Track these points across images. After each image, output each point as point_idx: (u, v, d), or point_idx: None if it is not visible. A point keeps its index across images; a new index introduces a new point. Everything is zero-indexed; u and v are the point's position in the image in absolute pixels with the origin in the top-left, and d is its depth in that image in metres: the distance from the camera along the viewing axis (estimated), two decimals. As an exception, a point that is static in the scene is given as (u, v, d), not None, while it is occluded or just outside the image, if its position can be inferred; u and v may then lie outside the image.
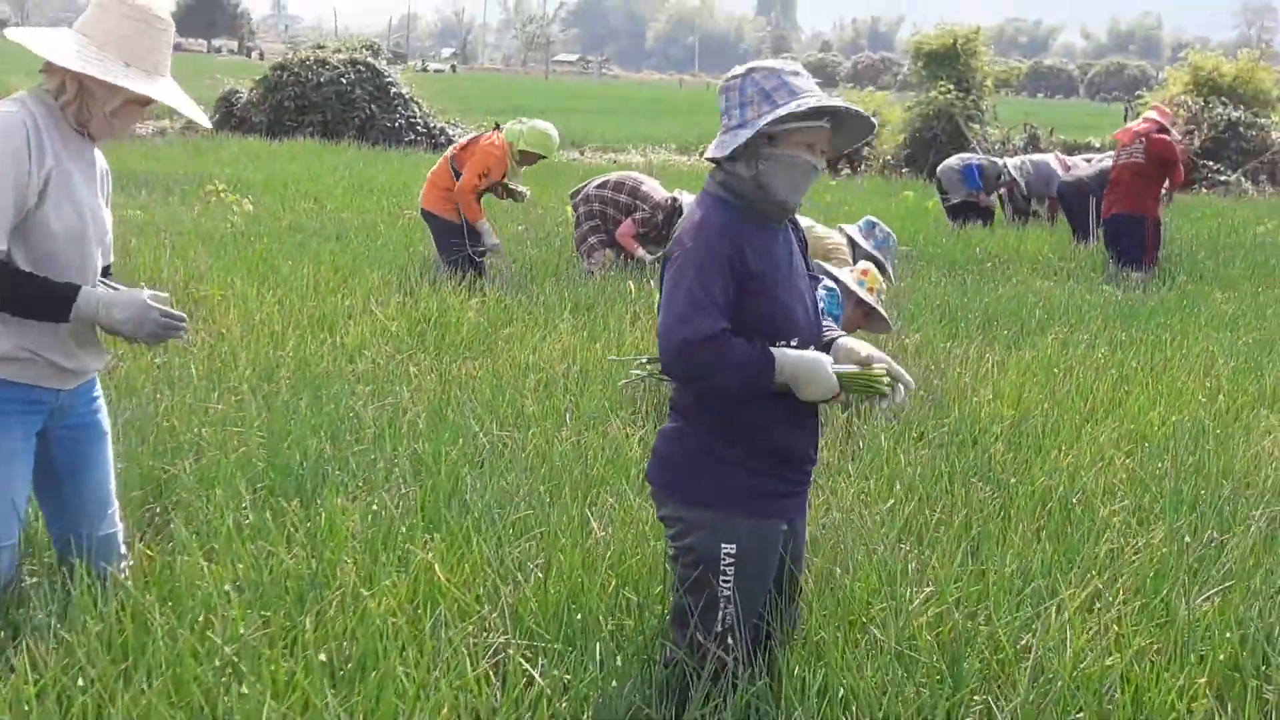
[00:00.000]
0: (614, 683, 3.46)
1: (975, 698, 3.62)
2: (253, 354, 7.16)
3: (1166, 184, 12.50)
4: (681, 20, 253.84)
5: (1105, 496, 5.29)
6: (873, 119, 3.70)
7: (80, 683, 3.18)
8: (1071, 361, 7.80)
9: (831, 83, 79.35)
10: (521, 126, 10.18)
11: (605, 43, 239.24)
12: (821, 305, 3.98)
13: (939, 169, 16.76)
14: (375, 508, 4.64)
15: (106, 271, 3.91)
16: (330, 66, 26.21)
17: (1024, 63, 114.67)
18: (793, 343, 3.49)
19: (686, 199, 10.18)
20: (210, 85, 28.45)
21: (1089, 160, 16.26)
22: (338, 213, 13.80)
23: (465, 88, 47.21)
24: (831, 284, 6.64)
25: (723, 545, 3.53)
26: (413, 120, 26.35)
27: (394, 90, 26.62)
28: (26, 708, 3.11)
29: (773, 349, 3.42)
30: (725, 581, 3.54)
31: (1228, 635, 3.93)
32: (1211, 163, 24.20)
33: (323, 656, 3.38)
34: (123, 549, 4.08)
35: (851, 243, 8.40)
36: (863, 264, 7.14)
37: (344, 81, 25.98)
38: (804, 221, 7.60)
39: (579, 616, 3.80)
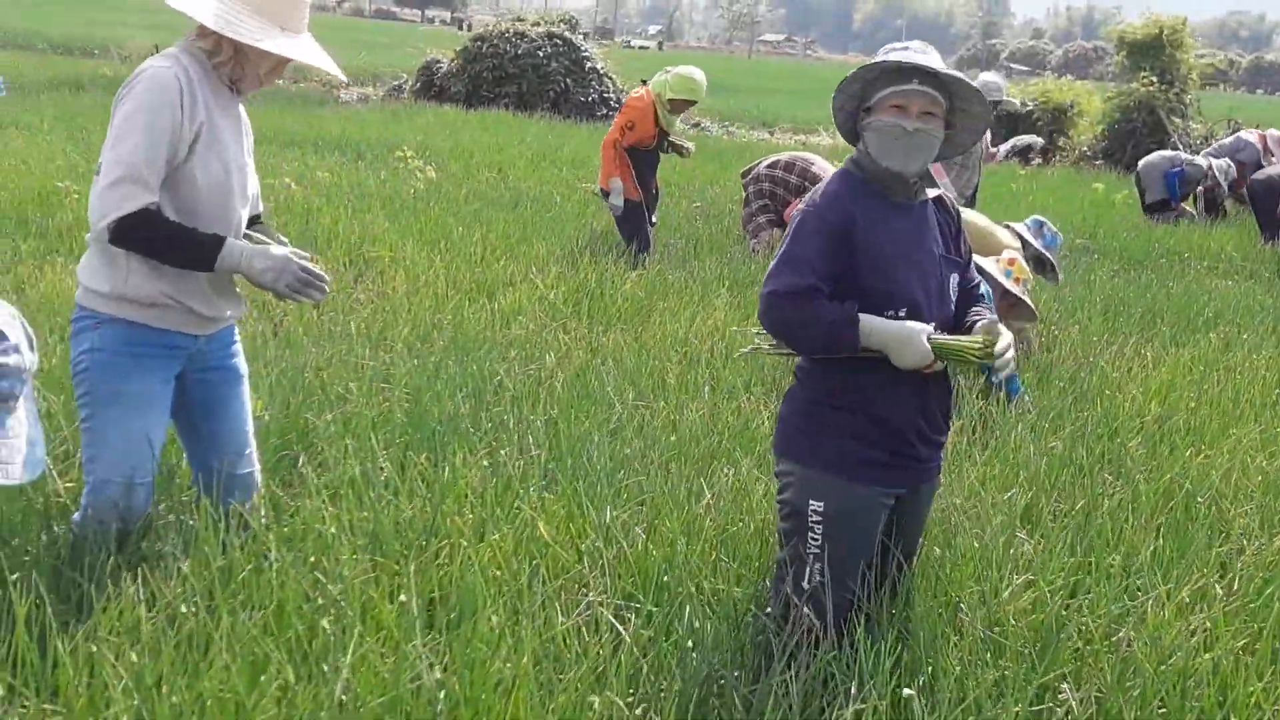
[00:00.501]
0: (690, 643, 3.54)
1: (1061, 685, 3.62)
2: (413, 315, 7.40)
3: None
4: (890, 3, 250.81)
5: (1235, 498, 5.21)
6: (954, 74, 3.73)
7: (184, 609, 3.38)
8: (1231, 362, 7.62)
9: (1039, 70, 77.59)
10: (666, 76, 10.19)
11: (812, 23, 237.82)
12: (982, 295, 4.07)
13: (1141, 165, 16.34)
14: (488, 464, 4.81)
15: (256, 221, 4.09)
16: (528, 39, 26.50)
17: (1244, 57, 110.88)
18: (901, 312, 3.60)
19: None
20: (411, 54, 29.11)
21: None
22: (518, 182, 14.06)
23: (666, 65, 47.47)
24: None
25: (811, 502, 3.69)
26: (606, 95, 26.57)
27: (589, 65, 26.86)
28: (136, 630, 3.33)
29: (863, 315, 3.51)
30: (813, 539, 3.68)
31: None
32: None
33: (404, 598, 3.53)
34: (259, 486, 4.29)
35: (1022, 241, 8.35)
36: (1008, 253, 7.08)
37: (540, 54, 26.27)
38: (968, 214, 7.61)
39: (665, 579, 3.89)
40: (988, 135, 10.16)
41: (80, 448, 3.95)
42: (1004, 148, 10.55)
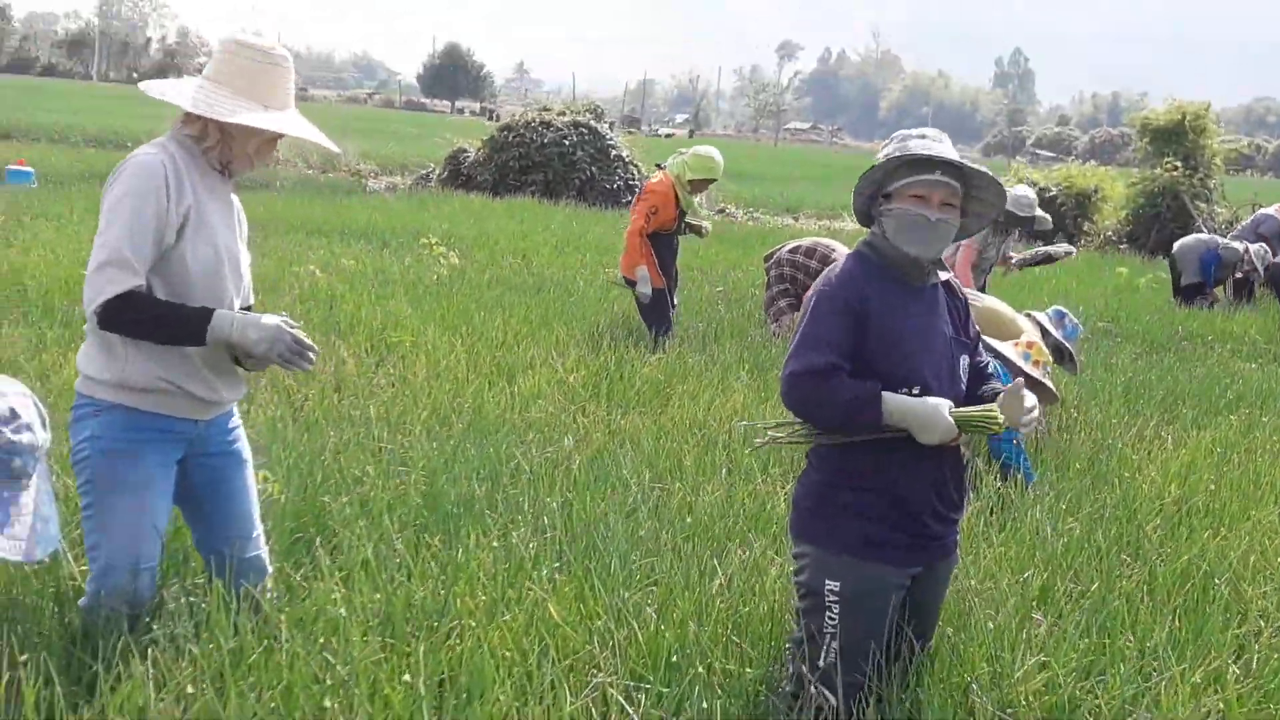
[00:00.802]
0: (698, 723, 3.53)
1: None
2: (433, 399, 7.44)
3: None
4: (916, 91, 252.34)
5: (1254, 580, 5.17)
6: (975, 166, 3.80)
7: (190, 690, 3.39)
8: (1252, 443, 7.58)
9: (1064, 156, 77.83)
10: (684, 158, 10.29)
11: (838, 111, 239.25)
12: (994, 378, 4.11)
13: (1177, 247, 16.34)
14: (498, 545, 4.81)
15: (248, 311, 4.11)
16: (554, 128, 26.74)
17: (1270, 142, 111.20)
18: (914, 390, 3.65)
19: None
20: (440, 144, 29.38)
21: None
22: (541, 268, 14.15)
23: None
24: (995, 358, 6.64)
25: (826, 582, 3.72)
26: (631, 182, 26.73)
27: (614, 152, 27.07)
28: (144, 711, 3.33)
29: (885, 392, 3.55)
30: (830, 618, 3.70)
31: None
32: None
33: (407, 677, 3.53)
34: (268, 568, 4.29)
35: (1042, 330, 8.36)
36: (1026, 336, 7.09)
37: (566, 143, 26.49)
38: (989, 301, 7.67)
39: (674, 659, 3.88)
40: (1010, 240, 10.16)
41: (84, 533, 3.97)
42: (1018, 257, 10.58)
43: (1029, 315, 8.47)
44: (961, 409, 3.67)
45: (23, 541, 3.24)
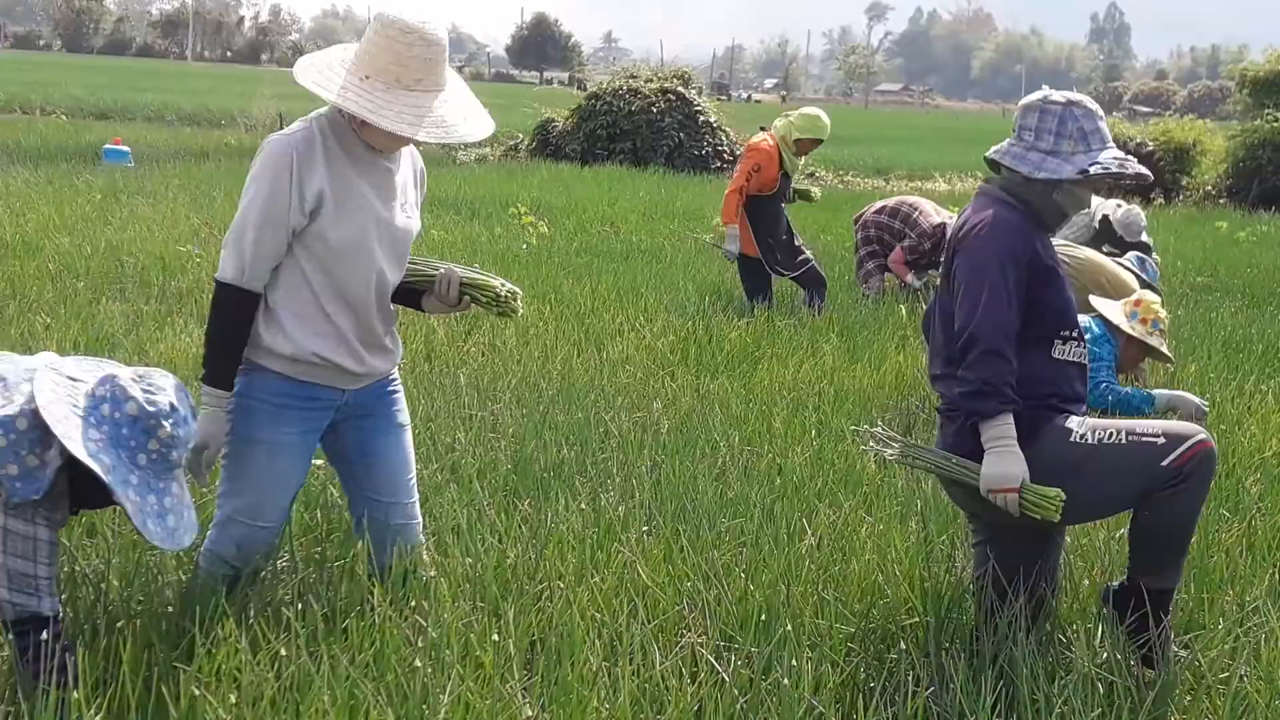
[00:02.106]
0: (787, 681, 3.51)
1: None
2: (522, 366, 7.47)
3: None
4: (1009, 49, 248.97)
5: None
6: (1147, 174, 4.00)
7: (284, 653, 3.44)
8: (1359, 397, 7.41)
9: (1162, 111, 76.50)
10: (790, 118, 10.08)
11: (929, 72, 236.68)
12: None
13: None
14: (585, 508, 4.83)
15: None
16: (641, 95, 26.72)
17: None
18: (1073, 333, 3.92)
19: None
20: (528, 115, 29.43)
21: None
22: (630, 235, 14.14)
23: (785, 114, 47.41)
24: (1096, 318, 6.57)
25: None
26: (719, 148, 26.70)
27: (702, 119, 26.99)
28: (237, 672, 3.39)
29: (1001, 428, 3.74)
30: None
31: None
32: None
33: (495, 637, 3.56)
34: (420, 538, 4.26)
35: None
36: (1138, 293, 6.97)
37: (654, 110, 26.46)
38: (1086, 252, 7.61)
39: (763, 618, 3.87)
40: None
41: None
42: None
43: (1117, 260, 8.36)
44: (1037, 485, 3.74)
45: (176, 530, 3.37)
